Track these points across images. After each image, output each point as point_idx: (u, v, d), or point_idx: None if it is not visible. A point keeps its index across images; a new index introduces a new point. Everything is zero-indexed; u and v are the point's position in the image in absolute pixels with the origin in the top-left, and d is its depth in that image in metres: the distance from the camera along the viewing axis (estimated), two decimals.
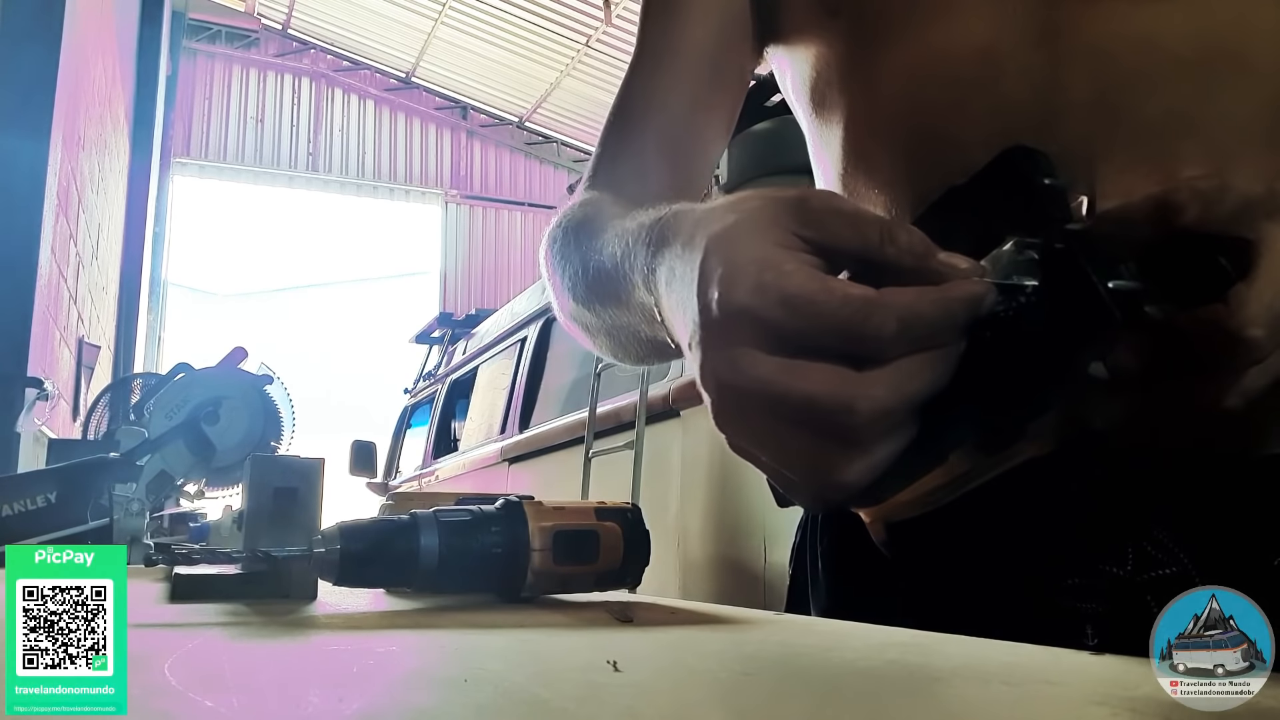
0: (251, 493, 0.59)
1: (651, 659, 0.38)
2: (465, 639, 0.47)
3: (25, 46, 3.17)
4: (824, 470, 0.35)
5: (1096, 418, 0.49)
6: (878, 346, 0.33)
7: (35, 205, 3.19)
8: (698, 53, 0.69)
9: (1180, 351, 0.38)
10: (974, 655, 0.40)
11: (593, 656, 0.38)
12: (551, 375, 3.62)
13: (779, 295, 0.34)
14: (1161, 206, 0.38)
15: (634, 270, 0.47)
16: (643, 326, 0.50)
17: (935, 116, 0.56)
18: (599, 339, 0.62)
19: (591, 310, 0.58)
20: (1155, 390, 0.41)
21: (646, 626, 0.50)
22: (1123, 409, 0.47)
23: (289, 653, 0.41)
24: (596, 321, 0.59)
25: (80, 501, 1.12)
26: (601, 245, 0.54)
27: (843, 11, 0.62)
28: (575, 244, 0.60)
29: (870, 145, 0.61)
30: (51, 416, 3.48)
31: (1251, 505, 0.49)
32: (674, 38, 0.70)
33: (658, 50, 0.71)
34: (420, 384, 5.68)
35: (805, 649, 0.44)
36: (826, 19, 0.63)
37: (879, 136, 0.60)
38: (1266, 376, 0.40)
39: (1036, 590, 0.53)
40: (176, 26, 9.27)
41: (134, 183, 6.81)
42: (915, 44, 0.58)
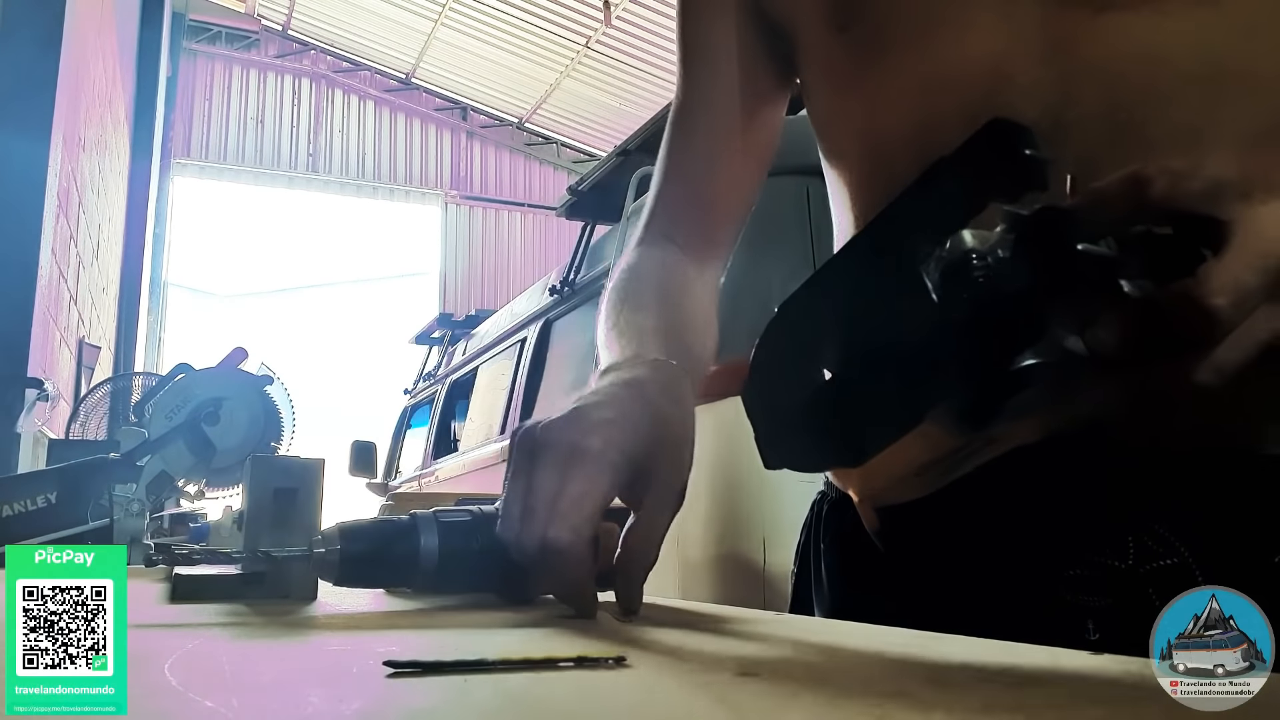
0: (251, 493, 0.59)
1: (652, 659, 0.38)
2: (465, 639, 0.47)
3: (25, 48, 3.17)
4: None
5: (1081, 401, 0.49)
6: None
7: (35, 206, 3.19)
8: (730, 102, 0.74)
9: (1154, 326, 0.39)
10: (974, 655, 0.40)
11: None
12: (551, 376, 3.62)
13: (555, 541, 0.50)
14: (1134, 181, 0.40)
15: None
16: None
17: (944, 131, 0.56)
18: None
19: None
20: (1135, 371, 0.42)
21: (646, 626, 0.50)
22: (1106, 392, 0.47)
23: (289, 653, 0.41)
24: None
25: (80, 502, 1.12)
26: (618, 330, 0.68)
27: (852, 27, 0.62)
28: (617, 311, 0.71)
29: (880, 158, 0.62)
30: (52, 417, 3.48)
31: (1252, 502, 0.49)
32: (706, 89, 0.75)
33: (691, 105, 0.76)
34: (420, 384, 5.67)
35: (805, 649, 0.44)
36: (835, 34, 0.64)
37: (889, 149, 0.61)
38: (1239, 352, 0.41)
39: (1036, 583, 0.53)
40: (177, 28, 9.26)
41: (134, 183, 6.81)
42: (924, 59, 0.58)
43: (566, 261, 3.50)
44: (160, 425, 1.17)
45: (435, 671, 0.32)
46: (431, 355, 5.77)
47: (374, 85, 11.49)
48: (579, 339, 3.27)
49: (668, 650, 0.41)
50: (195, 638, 0.43)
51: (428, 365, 5.73)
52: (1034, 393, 0.39)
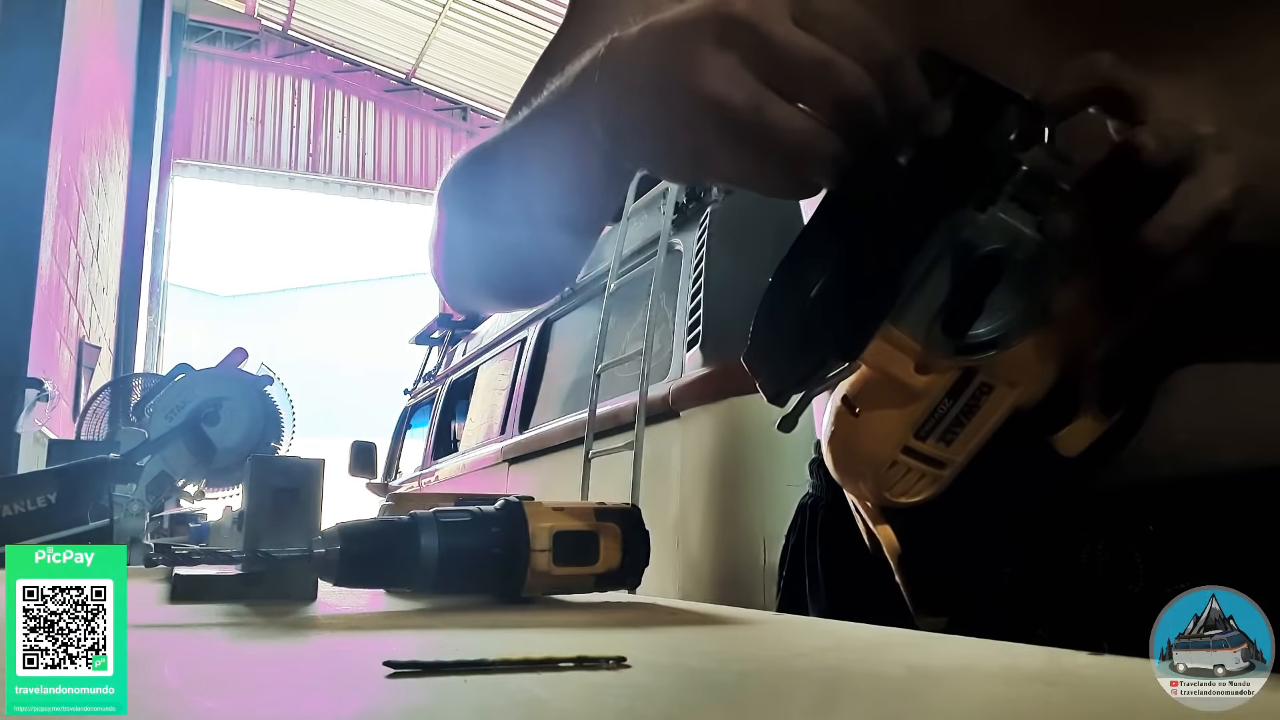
0: (251, 494, 0.59)
1: (652, 659, 0.38)
2: (465, 639, 0.47)
3: (25, 48, 3.17)
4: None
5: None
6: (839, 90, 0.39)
7: (35, 206, 3.19)
8: None
9: (1101, 258, 0.40)
10: (974, 655, 0.40)
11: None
12: (551, 376, 3.62)
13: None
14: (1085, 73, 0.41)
15: (587, 75, 0.49)
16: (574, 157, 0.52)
17: None
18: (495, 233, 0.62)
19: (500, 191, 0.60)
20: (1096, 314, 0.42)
21: (646, 627, 0.50)
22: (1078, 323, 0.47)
23: (289, 653, 0.41)
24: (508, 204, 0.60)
25: (80, 502, 1.12)
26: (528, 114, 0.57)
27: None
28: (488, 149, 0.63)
29: None
30: (52, 417, 3.48)
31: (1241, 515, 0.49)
32: None
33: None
34: (420, 385, 5.67)
35: (805, 649, 0.44)
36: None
37: None
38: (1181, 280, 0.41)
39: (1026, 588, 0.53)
40: (177, 28, 9.26)
41: (134, 184, 6.81)
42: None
43: None
44: (160, 425, 1.17)
45: (435, 672, 0.32)
46: (431, 355, 5.77)
47: (374, 85, 11.49)
48: (579, 339, 3.27)
49: (668, 651, 0.41)
50: (195, 638, 0.43)
51: (427, 365, 5.73)
52: (1007, 294, 0.41)
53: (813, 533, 0.70)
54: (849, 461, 0.47)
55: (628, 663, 0.34)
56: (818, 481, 0.71)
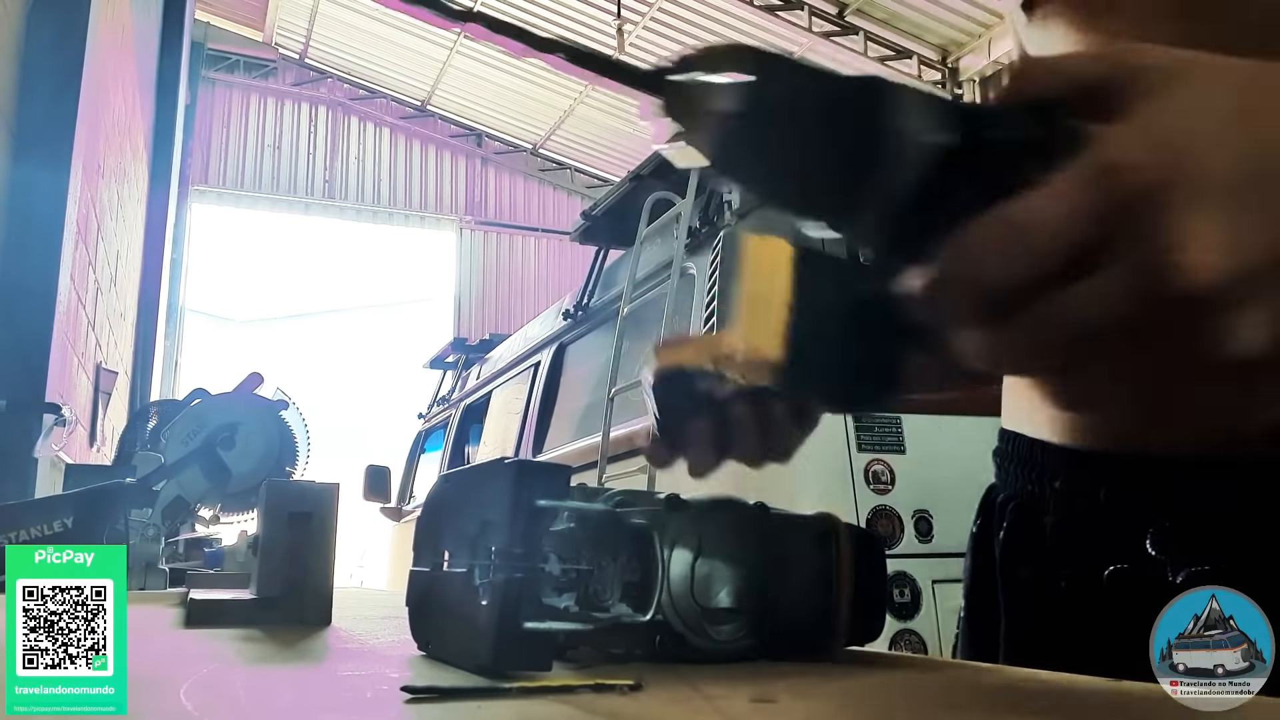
0: (267, 518, 0.60)
1: (666, 686, 0.38)
2: None
3: (46, 76, 3.22)
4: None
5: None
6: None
7: (55, 233, 3.22)
8: None
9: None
10: (1005, 682, 0.39)
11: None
12: (565, 400, 3.62)
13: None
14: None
15: None
16: None
17: None
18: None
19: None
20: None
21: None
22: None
23: (305, 678, 0.41)
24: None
25: (96, 527, 1.13)
26: None
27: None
28: None
29: None
30: (69, 442, 3.49)
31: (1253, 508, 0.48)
32: None
33: None
34: (434, 409, 5.68)
35: (821, 676, 0.43)
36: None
37: None
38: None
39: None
40: (195, 57, 9.38)
41: (152, 210, 6.87)
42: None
43: (580, 286, 3.51)
44: (176, 450, 1.18)
45: (452, 697, 0.32)
46: (445, 379, 5.78)
47: (389, 112, 11.60)
48: (592, 363, 3.27)
49: (682, 677, 0.41)
50: (211, 663, 0.43)
51: (442, 389, 5.74)
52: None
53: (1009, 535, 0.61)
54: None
55: (642, 689, 0.34)
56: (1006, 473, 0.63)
